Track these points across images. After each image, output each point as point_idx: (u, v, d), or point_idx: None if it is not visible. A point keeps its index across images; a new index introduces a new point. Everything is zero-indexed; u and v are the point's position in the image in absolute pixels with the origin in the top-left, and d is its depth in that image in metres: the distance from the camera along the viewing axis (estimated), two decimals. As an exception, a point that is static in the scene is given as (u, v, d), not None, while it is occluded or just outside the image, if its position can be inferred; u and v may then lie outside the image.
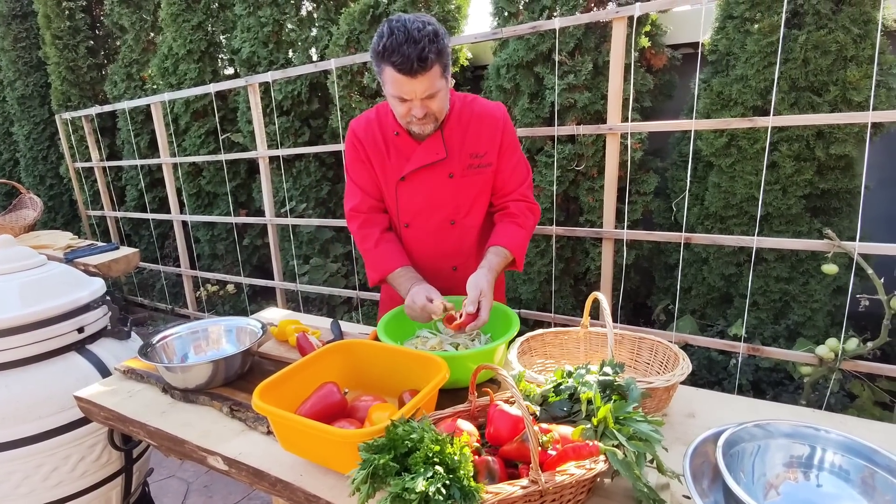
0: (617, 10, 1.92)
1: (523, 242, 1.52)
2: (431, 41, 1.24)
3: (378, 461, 0.79)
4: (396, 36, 1.23)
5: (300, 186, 3.83)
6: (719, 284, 2.48)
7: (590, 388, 0.96)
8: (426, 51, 1.22)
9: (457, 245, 1.56)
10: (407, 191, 1.51)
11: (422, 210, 1.53)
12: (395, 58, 1.23)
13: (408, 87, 1.28)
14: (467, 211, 1.53)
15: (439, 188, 1.49)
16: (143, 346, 1.37)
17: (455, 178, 1.48)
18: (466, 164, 1.48)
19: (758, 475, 0.79)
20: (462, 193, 1.50)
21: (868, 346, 1.72)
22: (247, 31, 3.75)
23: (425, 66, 1.24)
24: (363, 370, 1.20)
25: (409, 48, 1.22)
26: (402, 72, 1.25)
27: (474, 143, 1.47)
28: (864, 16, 2.05)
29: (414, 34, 1.23)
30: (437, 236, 1.55)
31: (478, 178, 1.50)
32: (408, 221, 1.55)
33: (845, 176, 2.18)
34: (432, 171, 1.48)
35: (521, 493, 0.76)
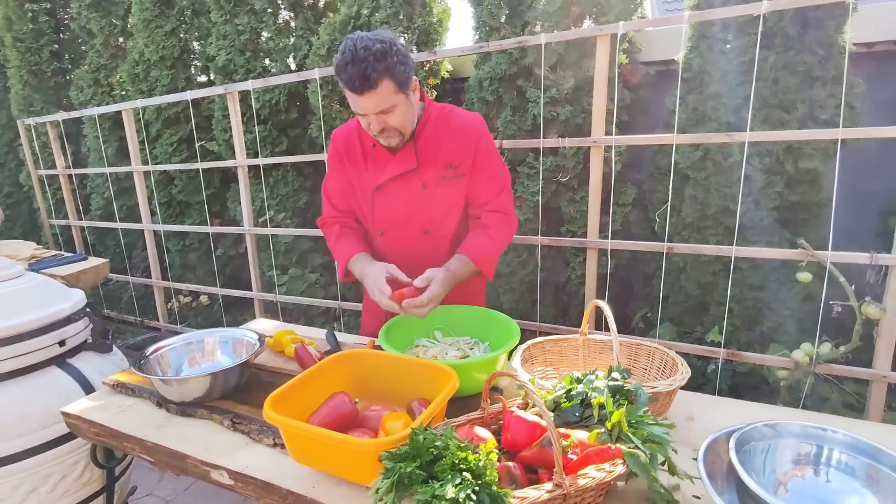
0: (601, 28, 1.99)
1: (490, 253, 1.53)
2: (377, 59, 1.27)
3: (403, 469, 0.80)
4: (345, 55, 1.28)
5: (277, 196, 3.78)
6: (696, 293, 2.57)
7: (600, 393, 0.98)
8: (368, 69, 1.26)
9: (430, 254, 1.58)
10: (382, 200, 1.54)
11: (396, 219, 1.56)
12: (343, 75, 1.29)
13: (359, 104, 1.33)
14: (440, 221, 1.56)
15: (413, 198, 1.52)
16: (136, 358, 1.32)
17: (428, 189, 1.51)
18: (441, 174, 1.50)
19: (768, 472, 0.83)
20: (435, 203, 1.53)
21: (841, 350, 1.82)
22: (223, 38, 3.69)
23: (368, 85, 1.28)
24: (368, 380, 1.20)
25: (352, 67, 1.26)
26: (350, 89, 1.30)
27: (449, 153, 1.50)
28: (828, 39, 2.19)
29: (359, 53, 1.26)
30: (410, 245, 1.58)
31: (451, 188, 1.52)
32: (383, 230, 1.58)
33: (812, 189, 2.30)
34: (406, 181, 1.51)
35: (547, 498, 0.78)
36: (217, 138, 3.90)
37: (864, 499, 0.77)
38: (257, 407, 1.26)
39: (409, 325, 1.46)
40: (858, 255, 1.78)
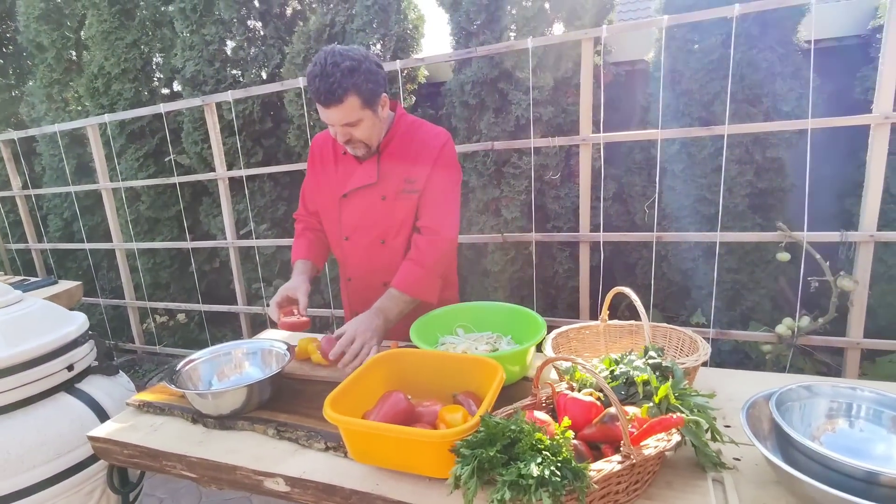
0: (586, 32, 2.09)
1: (421, 279, 1.51)
2: (344, 76, 1.31)
3: (483, 455, 0.84)
4: (315, 67, 1.34)
5: (255, 207, 3.72)
6: (678, 279, 2.72)
7: (642, 371, 1.06)
8: (335, 85, 1.31)
9: (387, 263, 1.62)
10: (347, 207, 1.61)
11: (357, 227, 1.62)
12: (311, 87, 1.36)
13: (325, 115, 1.39)
14: (396, 232, 1.60)
15: (372, 209, 1.58)
16: (168, 373, 1.31)
17: (387, 201, 1.56)
18: (400, 188, 1.54)
19: (804, 427, 0.92)
20: (392, 215, 1.58)
21: (819, 322, 1.98)
22: (189, 49, 3.61)
23: (333, 99, 1.33)
24: (409, 377, 1.23)
25: (320, 81, 1.32)
26: (317, 101, 1.36)
27: (409, 168, 1.54)
28: (785, 37, 2.38)
29: (328, 68, 1.31)
30: (369, 253, 1.64)
31: (406, 202, 1.55)
32: (347, 235, 1.65)
33: (779, 176, 2.49)
34: (367, 193, 1.57)
35: (619, 469, 0.84)
36: (188, 151, 3.80)
37: (890, 443, 0.88)
38: (297, 414, 1.27)
39: (432, 323, 1.50)
40: (830, 234, 1.95)
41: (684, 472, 0.98)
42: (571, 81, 2.70)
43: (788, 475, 0.82)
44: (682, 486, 0.94)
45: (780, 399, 0.94)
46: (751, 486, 0.94)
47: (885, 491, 0.75)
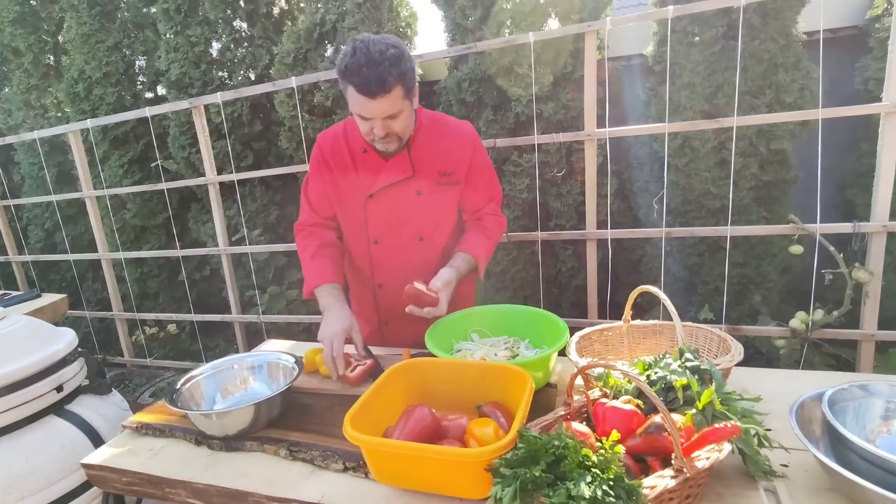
0: (589, 25, 2.04)
1: (488, 250, 1.58)
2: (392, 64, 1.26)
3: (527, 474, 0.77)
4: (358, 57, 1.25)
5: (247, 212, 3.61)
6: (683, 274, 2.68)
7: (680, 375, 1.00)
8: (385, 74, 1.25)
9: (424, 261, 1.56)
10: (375, 208, 1.52)
11: (390, 227, 1.53)
12: (356, 79, 1.26)
13: (368, 108, 1.30)
14: (435, 227, 1.55)
15: (407, 205, 1.51)
16: (168, 392, 1.22)
17: (423, 195, 1.50)
18: (435, 181, 1.50)
19: (858, 429, 0.87)
20: (430, 210, 1.52)
21: (834, 315, 1.95)
22: (174, 51, 3.50)
23: (384, 89, 1.26)
24: (430, 388, 1.16)
25: (369, 71, 1.24)
26: (362, 93, 1.27)
27: (443, 160, 1.50)
28: (785, 28, 2.35)
29: (375, 56, 1.25)
30: (405, 252, 1.56)
31: (446, 194, 1.52)
32: (377, 238, 1.55)
33: (783, 168, 2.46)
34: (400, 189, 1.49)
35: (674, 484, 0.78)
36: (175, 156, 3.68)
37: (955, 446, 0.83)
38: (310, 432, 1.19)
39: (445, 330, 1.43)
40: (843, 226, 1.91)
41: (732, 482, 0.92)
42: (571, 77, 2.65)
43: (849, 482, 0.77)
44: (733, 497, 0.88)
45: (832, 399, 0.89)
46: (803, 494, 0.88)
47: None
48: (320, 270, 1.50)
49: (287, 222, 3.77)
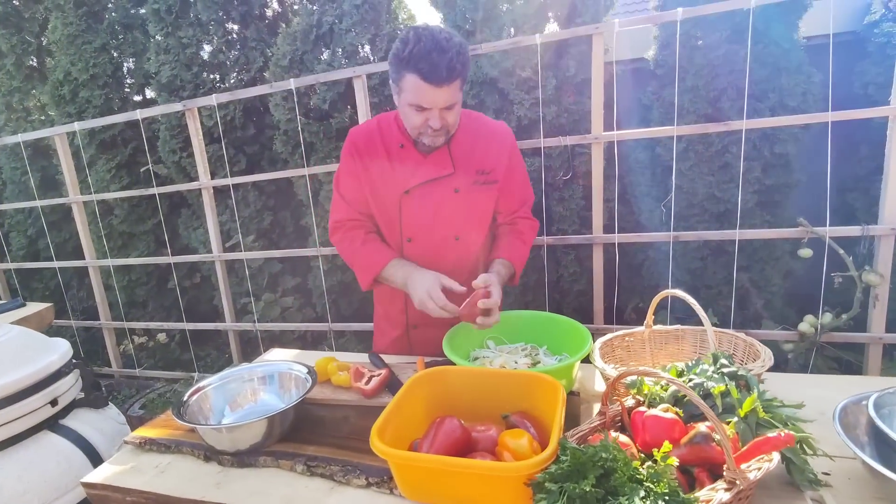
0: (597, 27, 2.02)
1: (525, 257, 1.57)
2: (459, 52, 1.25)
3: (575, 489, 0.73)
4: (425, 43, 1.22)
5: (240, 218, 3.53)
6: (686, 279, 2.67)
7: (718, 381, 0.96)
8: (454, 61, 1.23)
9: (459, 261, 1.53)
10: (411, 204, 1.47)
11: (426, 225, 1.49)
12: (423, 65, 1.22)
13: (430, 97, 1.27)
14: (471, 227, 1.52)
15: (445, 203, 1.47)
16: (176, 405, 1.15)
17: (461, 194, 1.46)
18: (472, 179, 1.47)
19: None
20: (467, 209, 1.49)
21: (843, 318, 1.94)
22: (165, 52, 3.42)
23: (452, 76, 1.25)
24: (453, 398, 1.11)
25: (438, 56, 1.21)
26: (428, 80, 1.23)
27: (481, 159, 1.47)
28: (788, 32, 2.36)
29: (442, 43, 1.23)
30: (440, 252, 1.51)
31: (483, 194, 1.49)
32: (411, 236, 1.50)
33: (785, 172, 2.46)
34: (438, 186, 1.45)
35: (728, 498, 0.74)
36: (165, 160, 3.59)
37: None
38: (327, 445, 1.13)
39: (462, 337, 1.39)
40: (852, 229, 1.91)
41: (778, 492, 0.88)
42: (574, 80, 2.63)
43: (905, 493, 0.74)
44: (782, 509, 0.84)
45: (877, 404, 0.86)
46: (850, 503, 0.85)
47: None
48: (378, 251, 1.47)
49: (281, 227, 3.70)
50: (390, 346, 1.63)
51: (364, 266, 1.48)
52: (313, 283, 3.44)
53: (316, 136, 3.05)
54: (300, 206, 3.66)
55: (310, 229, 3.50)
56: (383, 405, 1.27)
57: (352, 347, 3.38)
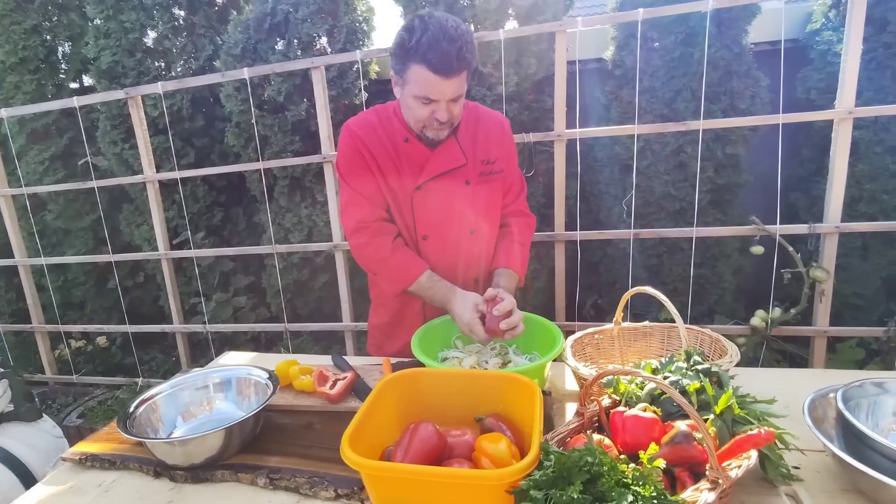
0: (560, 24, 2.02)
1: (525, 262, 1.56)
2: (468, 41, 1.20)
3: (562, 496, 0.70)
4: (433, 32, 1.17)
5: (188, 214, 3.35)
6: (643, 275, 2.73)
7: (693, 379, 0.96)
8: (464, 50, 1.18)
9: (477, 255, 1.49)
10: (423, 200, 1.41)
11: (441, 220, 1.43)
12: (432, 55, 1.16)
13: (438, 88, 1.21)
14: (485, 219, 1.48)
15: (457, 196, 1.42)
16: (121, 417, 1.05)
17: (472, 185, 1.43)
18: (479, 170, 1.44)
19: (871, 426, 0.87)
20: (479, 201, 1.45)
21: (791, 312, 2.03)
22: (105, 37, 3.19)
23: (462, 66, 1.20)
24: (425, 401, 1.06)
25: (448, 45, 1.16)
26: (438, 71, 1.18)
27: (485, 149, 1.44)
28: (738, 37, 2.44)
29: (451, 31, 1.17)
30: (457, 247, 1.46)
31: (492, 184, 1.46)
32: (426, 233, 1.44)
33: (735, 172, 2.56)
34: (449, 179, 1.40)
35: (713, 498, 0.73)
36: (105, 152, 3.36)
37: (963, 441, 0.84)
38: (291, 456, 1.07)
39: (431, 337, 1.35)
40: (799, 227, 2.00)
41: (752, 488, 0.89)
42: (534, 77, 2.63)
43: (873, 481, 0.76)
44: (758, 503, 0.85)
45: (845, 397, 0.88)
46: (822, 497, 0.87)
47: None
48: (410, 262, 1.39)
49: (233, 224, 3.54)
50: (403, 351, 1.52)
51: (394, 277, 1.40)
52: (267, 283, 3.31)
53: (270, 129, 2.92)
54: (253, 202, 3.51)
55: (264, 226, 3.37)
56: (350, 410, 1.22)
57: (308, 349, 3.27)
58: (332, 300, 3.30)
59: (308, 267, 3.15)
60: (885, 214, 2.39)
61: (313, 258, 3.11)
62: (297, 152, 2.93)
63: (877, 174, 2.42)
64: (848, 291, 2.53)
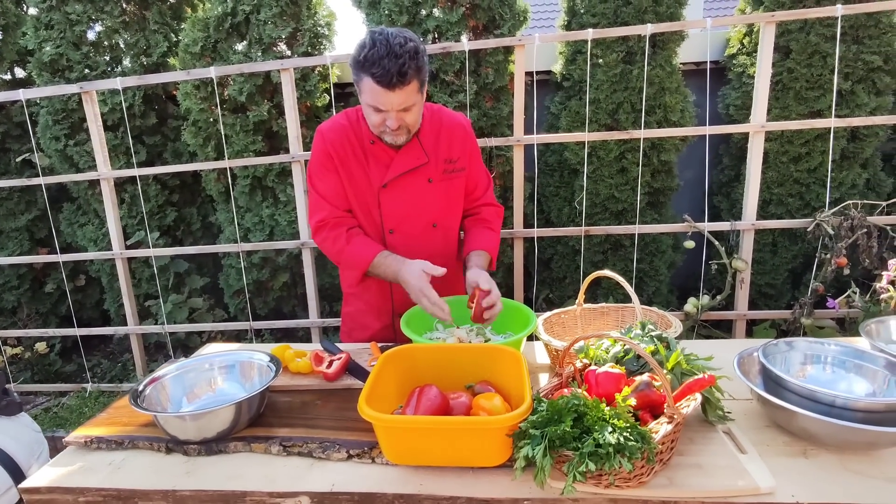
0: (520, 39, 2.21)
1: (497, 243, 1.70)
2: (412, 57, 1.31)
3: (556, 431, 0.86)
4: (378, 48, 1.29)
5: (137, 213, 3.27)
6: (590, 270, 2.97)
7: (648, 343, 1.16)
8: (406, 66, 1.29)
9: (440, 247, 1.63)
10: (389, 197, 1.54)
11: (406, 215, 1.57)
12: (375, 70, 1.28)
13: (384, 99, 1.33)
14: (447, 214, 1.63)
15: (420, 193, 1.56)
16: (132, 394, 1.10)
17: (434, 183, 1.57)
18: (442, 168, 1.58)
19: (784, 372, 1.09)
20: (441, 197, 1.59)
21: (718, 299, 2.33)
22: (47, 28, 3.07)
23: (404, 81, 1.31)
24: (421, 372, 1.19)
25: (389, 62, 1.28)
26: (381, 84, 1.30)
27: (447, 149, 1.58)
28: (670, 58, 2.75)
29: (395, 49, 1.29)
30: (421, 240, 1.60)
31: (454, 182, 1.61)
32: (392, 227, 1.58)
33: (668, 177, 2.87)
34: (413, 177, 1.54)
35: (671, 428, 0.91)
36: (46, 149, 3.21)
37: (850, 381, 1.08)
38: (300, 427, 1.16)
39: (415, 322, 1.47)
40: (723, 224, 2.30)
41: (696, 427, 1.09)
42: (492, 87, 2.82)
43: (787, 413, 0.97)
44: (702, 439, 1.05)
45: (765, 352, 1.11)
46: (750, 433, 1.08)
47: (859, 415, 0.94)
48: (365, 246, 1.51)
49: (186, 224, 3.48)
50: (374, 338, 1.66)
51: (352, 263, 1.51)
52: (225, 283, 3.29)
53: (232, 128, 2.93)
54: (208, 201, 3.48)
55: (220, 226, 3.35)
56: (347, 387, 1.33)
57: (268, 348, 3.27)
58: (292, 299, 3.34)
59: (268, 266, 3.16)
60: (790, 214, 2.77)
61: (274, 258, 3.13)
62: (259, 152, 2.96)
63: (783, 180, 2.80)
64: (761, 282, 2.90)
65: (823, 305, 2.38)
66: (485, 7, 2.70)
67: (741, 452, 1.00)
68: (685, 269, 3.14)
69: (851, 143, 2.75)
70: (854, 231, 2.18)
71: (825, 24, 2.58)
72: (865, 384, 1.08)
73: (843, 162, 2.77)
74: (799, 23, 2.62)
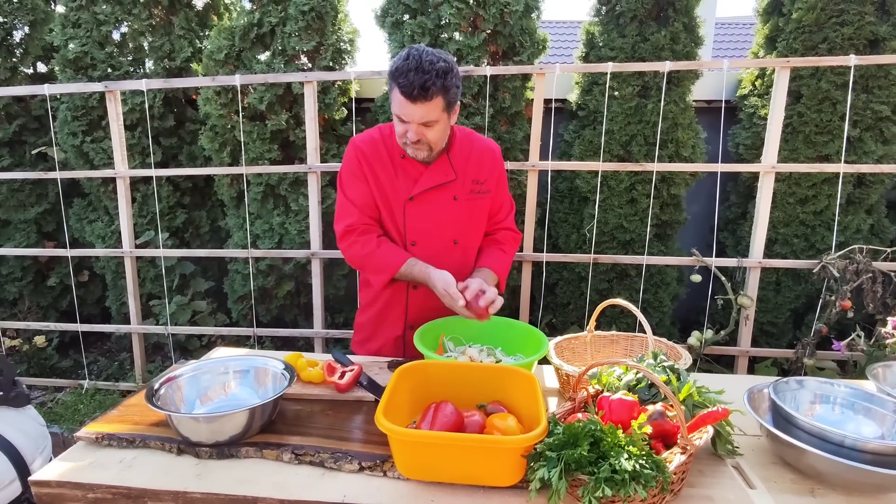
0: (541, 67, 2.27)
1: (507, 266, 1.74)
2: (439, 76, 1.37)
3: (572, 454, 0.87)
4: (410, 62, 1.36)
5: (149, 213, 3.29)
6: (595, 298, 3.00)
7: (660, 373, 1.17)
8: (429, 82, 1.35)
9: (458, 264, 1.65)
10: (415, 210, 1.58)
11: (428, 230, 1.60)
12: (402, 80, 1.35)
13: (406, 110, 1.39)
14: (469, 232, 1.66)
15: (445, 209, 1.60)
16: (148, 392, 1.11)
17: (459, 201, 1.61)
18: (469, 188, 1.62)
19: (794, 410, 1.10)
20: (465, 215, 1.63)
21: (721, 334, 2.35)
22: (75, 26, 3.13)
23: (426, 96, 1.36)
24: (434, 389, 1.20)
25: (415, 75, 1.34)
26: (404, 94, 1.37)
27: (476, 170, 1.62)
28: (683, 95, 2.82)
29: (424, 65, 1.35)
30: (441, 255, 1.62)
31: (479, 202, 1.65)
32: (414, 240, 1.61)
33: (677, 210, 2.91)
34: (439, 193, 1.58)
35: (685, 458, 0.92)
36: (62, 143, 3.25)
37: (859, 423, 1.10)
38: (312, 436, 1.16)
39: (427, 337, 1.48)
40: (730, 261, 2.33)
41: (706, 461, 1.10)
42: (508, 112, 2.88)
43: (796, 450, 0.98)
44: (712, 472, 1.06)
45: (775, 389, 1.12)
46: (757, 468, 1.09)
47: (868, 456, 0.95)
48: (395, 251, 1.55)
49: (195, 227, 3.50)
50: (383, 348, 1.68)
51: (381, 266, 1.55)
52: (230, 288, 3.29)
53: (249, 135, 2.97)
54: (218, 206, 3.50)
55: (228, 231, 3.37)
56: (358, 399, 1.33)
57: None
58: (295, 308, 3.34)
59: (274, 274, 3.17)
60: (795, 255, 2.80)
61: (281, 266, 3.14)
62: (274, 160, 3.00)
63: (789, 221, 2.84)
64: (764, 320, 2.92)
65: (824, 347, 2.41)
66: (506, 34, 2.77)
67: (750, 487, 1.01)
68: (687, 303, 3.16)
69: (858, 188, 2.80)
70: (859, 275, 2.21)
71: (836, 73, 2.64)
72: (874, 427, 1.10)
73: (849, 207, 2.81)
74: (811, 69, 2.69)
